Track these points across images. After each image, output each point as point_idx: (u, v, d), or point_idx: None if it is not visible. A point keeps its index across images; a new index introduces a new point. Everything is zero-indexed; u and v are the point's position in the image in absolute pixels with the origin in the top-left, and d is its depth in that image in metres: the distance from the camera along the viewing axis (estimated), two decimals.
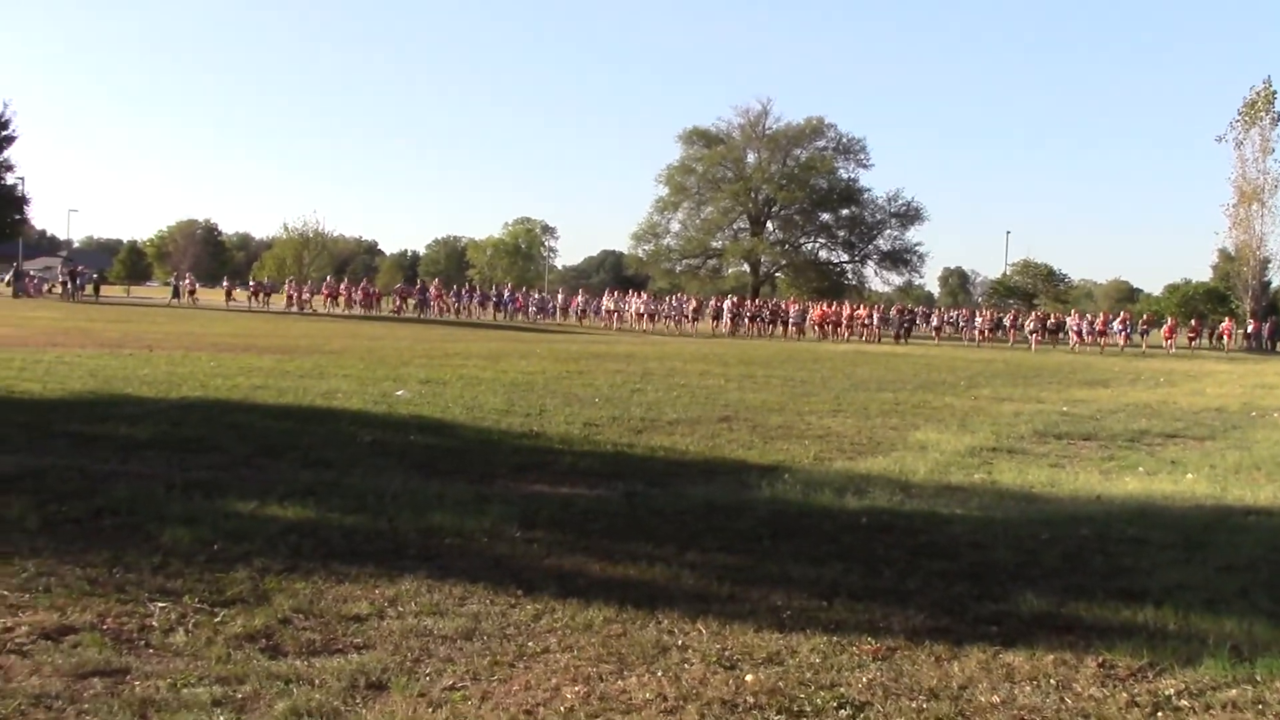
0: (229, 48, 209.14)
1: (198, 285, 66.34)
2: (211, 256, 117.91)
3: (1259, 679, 4.77)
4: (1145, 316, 56.39)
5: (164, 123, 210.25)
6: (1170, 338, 50.55)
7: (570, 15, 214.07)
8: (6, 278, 61.00)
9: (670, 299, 61.24)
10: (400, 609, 5.48)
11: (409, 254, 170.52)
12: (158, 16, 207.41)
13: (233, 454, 9.82)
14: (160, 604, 5.34)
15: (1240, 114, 65.44)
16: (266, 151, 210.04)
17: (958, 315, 61.65)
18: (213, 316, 42.10)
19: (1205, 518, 8.89)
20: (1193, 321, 49.18)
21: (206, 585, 5.68)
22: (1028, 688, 4.65)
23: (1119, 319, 53.35)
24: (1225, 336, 53.33)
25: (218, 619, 5.18)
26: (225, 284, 67.79)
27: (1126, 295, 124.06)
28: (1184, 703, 4.52)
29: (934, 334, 54.67)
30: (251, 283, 64.81)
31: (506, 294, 62.05)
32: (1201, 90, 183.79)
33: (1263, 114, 64.58)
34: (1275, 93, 64.25)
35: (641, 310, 55.92)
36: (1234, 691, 4.64)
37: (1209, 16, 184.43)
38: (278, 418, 12.23)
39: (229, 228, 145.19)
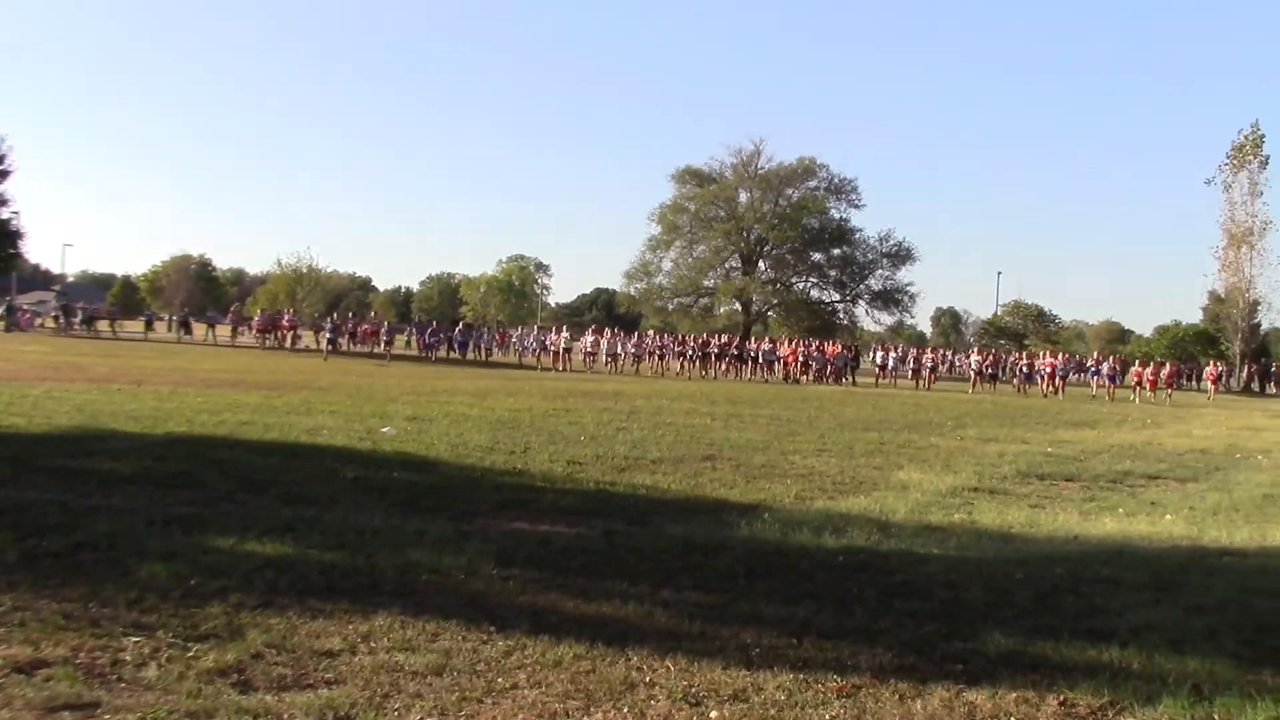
0: (226, 84, 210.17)
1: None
2: (205, 292, 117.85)
3: (1216, 717, 4.84)
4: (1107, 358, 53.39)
5: (160, 158, 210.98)
6: (1141, 384, 43.90)
7: (565, 54, 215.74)
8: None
9: (632, 337, 54.02)
10: (372, 644, 5.53)
11: (403, 290, 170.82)
12: (154, 53, 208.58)
13: (215, 490, 9.86)
14: (134, 638, 5.38)
15: (1229, 157, 66.20)
16: (262, 187, 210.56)
17: (948, 356, 61.27)
18: (204, 352, 42.08)
19: (1180, 559, 8.97)
20: (1167, 366, 45.87)
21: (181, 620, 5.72)
22: None
23: (1096, 360, 50.29)
24: (1210, 382, 49.93)
25: (190, 653, 5.22)
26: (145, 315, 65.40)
27: (1118, 336, 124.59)
28: None
29: (915, 376, 46.93)
30: (230, 316, 59.89)
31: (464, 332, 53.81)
32: (1192, 134, 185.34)
33: (1250, 158, 65.36)
34: (1263, 136, 65.12)
35: (610, 350, 48.77)
36: None
37: (1198, 62, 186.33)
38: (262, 453, 12.28)
39: (223, 263, 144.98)
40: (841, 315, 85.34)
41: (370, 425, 15.83)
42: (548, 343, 50.87)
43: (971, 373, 47.44)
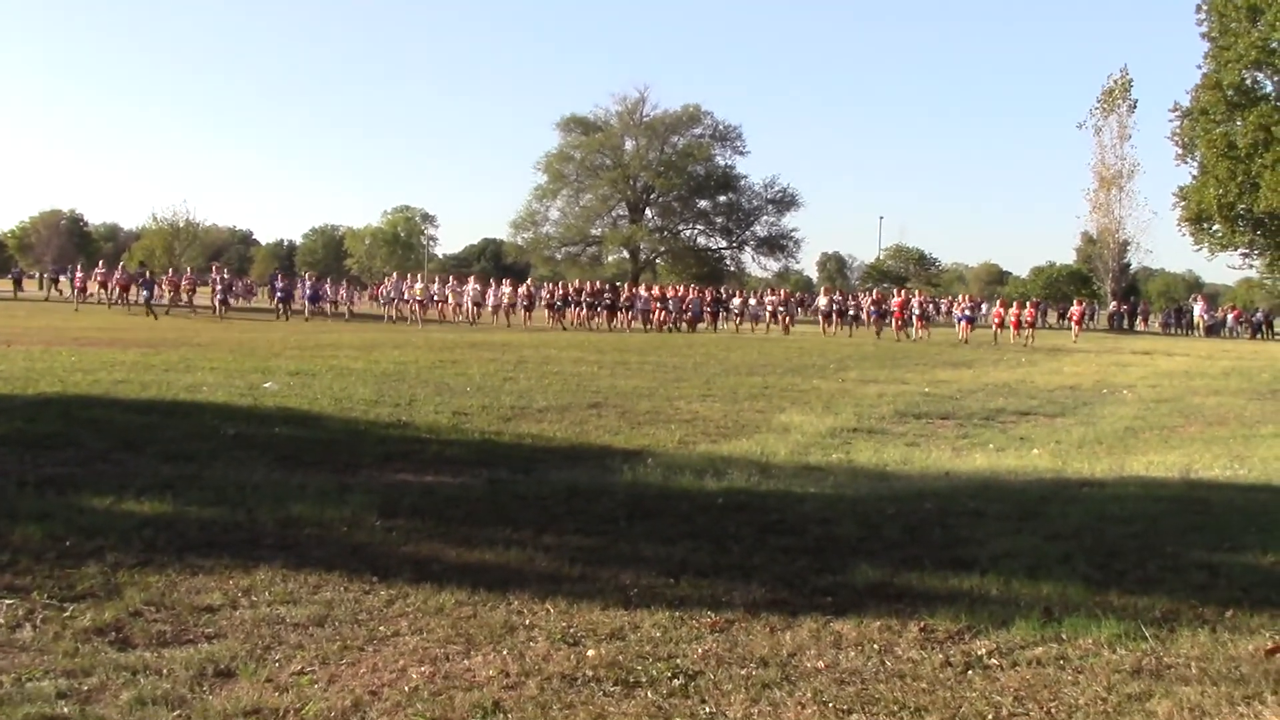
0: (93, 27, 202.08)
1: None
2: (77, 248, 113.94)
3: (1064, 637, 5.13)
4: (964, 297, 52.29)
5: (23, 105, 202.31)
6: (1003, 324, 41.06)
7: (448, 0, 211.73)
8: None
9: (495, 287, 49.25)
10: (253, 598, 5.55)
11: (285, 244, 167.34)
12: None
13: (90, 449, 9.68)
14: (7, 601, 5.32)
15: (1099, 101, 67.99)
16: (134, 138, 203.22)
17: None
18: (79, 311, 40.82)
19: (1042, 490, 9.38)
20: (1029, 304, 42.64)
21: (56, 581, 5.67)
22: (852, 653, 4.94)
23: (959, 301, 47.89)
24: (1074, 322, 47.10)
25: (66, 614, 5.19)
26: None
27: (996, 277, 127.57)
28: (994, 661, 4.85)
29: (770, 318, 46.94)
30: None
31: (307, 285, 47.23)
32: (1065, 77, 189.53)
33: (1120, 101, 67.20)
34: (1132, 81, 67.01)
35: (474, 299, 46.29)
36: (1039, 649, 4.98)
37: (1066, 6, 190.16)
38: (139, 412, 12.08)
39: (96, 218, 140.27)
40: (729, 262, 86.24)
41: (252, 381, 15.61)
42: (404, 292, 46.48)
43: (819, 315, 45.52)
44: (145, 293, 42.70)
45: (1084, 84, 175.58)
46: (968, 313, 42.81)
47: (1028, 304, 42.98)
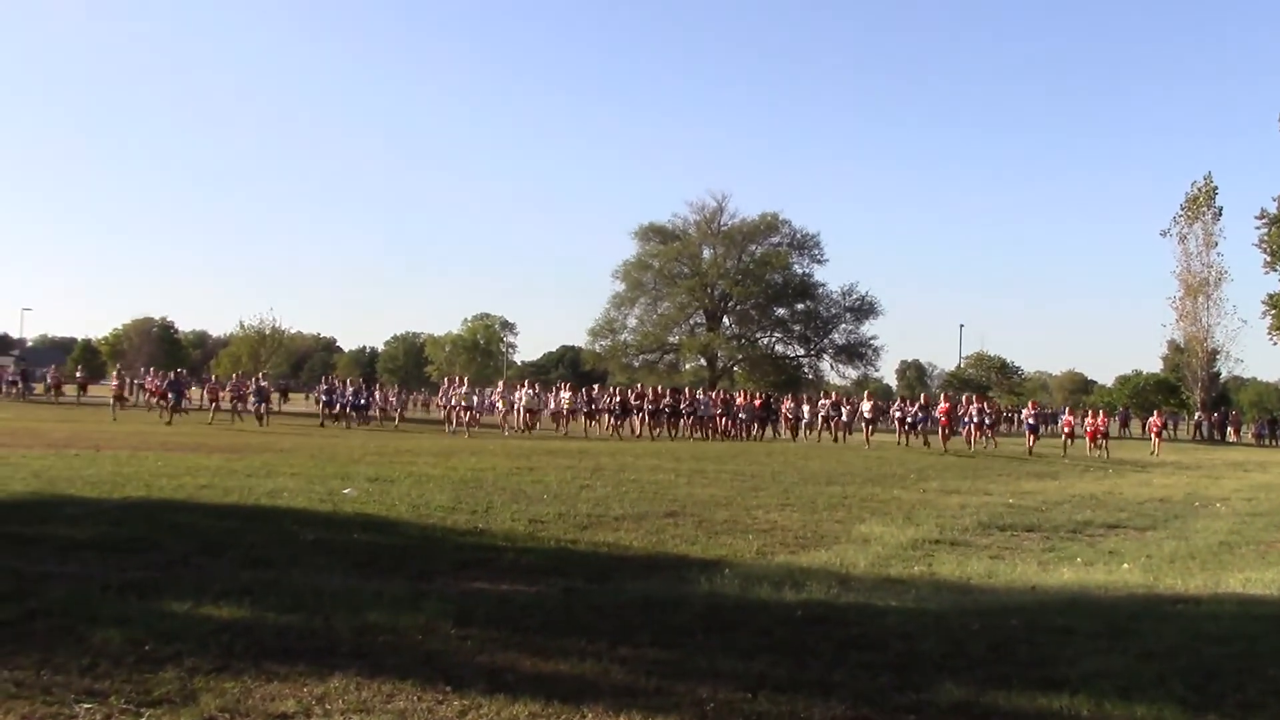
0: (185, 142, 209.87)
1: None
2: (167, 354, 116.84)
3: None
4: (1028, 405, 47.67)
5: (121, 219, 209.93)
6: (1073, 434, 39.53)
7: (524, 112, 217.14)
8: None
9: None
10: (327, 706, 5.51)
11: (367, 350, 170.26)
12: (108, 112, 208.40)
13: (172, 553, 9.79)
14: (86, 705, 5.35)
15: (1183, 209, 67.41)
16: (224, 248, 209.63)
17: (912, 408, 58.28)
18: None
19: (1134, 607, 9.08)
20: (1100, 415, 39.91)
21: (134, 686, 5.68)
22: None
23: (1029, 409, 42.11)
24: (1154, 434, 46.00)
25: (143, 718, 5.20)
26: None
27: (1081, 386, 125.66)
28: None
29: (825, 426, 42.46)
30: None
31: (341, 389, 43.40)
32: (1148, 184, 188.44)
33: (1204, 209, 66.57)
34: (1216, 188, 66.31)
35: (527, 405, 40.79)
36: None
37: (1148, 115, 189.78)
38: (220, 517, 12.21)
39: (186, 325, 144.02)
40: (807, 369, 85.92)
41: (332, 487, 15.74)
42: (451, 398, 40.83)
43: (863, 422, 40.06)
44: (173, 397, 39.84)
45: (1170, 189, 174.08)
46: (1030, 421, 39.81)
47: (1100, 413, 40.93)
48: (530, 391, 42.11)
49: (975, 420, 39.08)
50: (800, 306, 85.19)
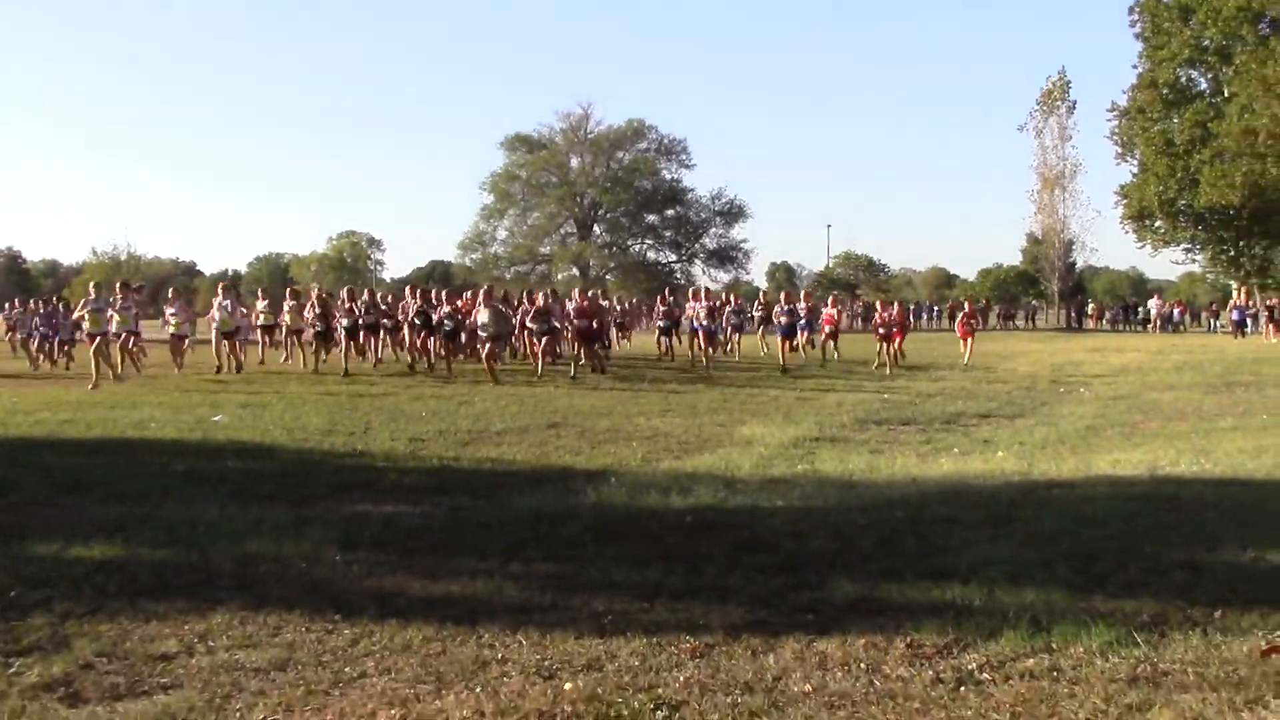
0: (30, 54, 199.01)
1: None
2: (16, 285, 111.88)
3: (1055, 646, 4.99)
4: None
5: None
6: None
7: (385, 21, 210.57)
8: None
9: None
10: (211, 644, 5.29)
11: (229, 273, 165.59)
12: None
13: (34, 494, 9.35)
14: None
15: (1038, 103, 68.50)
16: (68, 170, 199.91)
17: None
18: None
19: (1013, 494, 9.29)
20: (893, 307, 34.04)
21: (1, 635, 5.39)
22: (839, 673, 4.76)
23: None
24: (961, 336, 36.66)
25: (12, 670, 4.92)
26: None
27: (945, 281, 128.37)
28: (986, 675, 4.69)
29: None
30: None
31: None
32: (1005, 79, 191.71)
33: (1059, 103, 67.72)
34: (1070, 82, 67.44)
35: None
36: (1031, 661, 4.83)
37: (1005, 10, 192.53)
38: (85, 453, 11.72)
39: (34, 254, 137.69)
40: (679, 275, 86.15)
41: (200, 414, 15.24)
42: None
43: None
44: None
45: (1024, 86, 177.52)
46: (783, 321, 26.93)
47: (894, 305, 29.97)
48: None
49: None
50: (670, 212, 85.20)
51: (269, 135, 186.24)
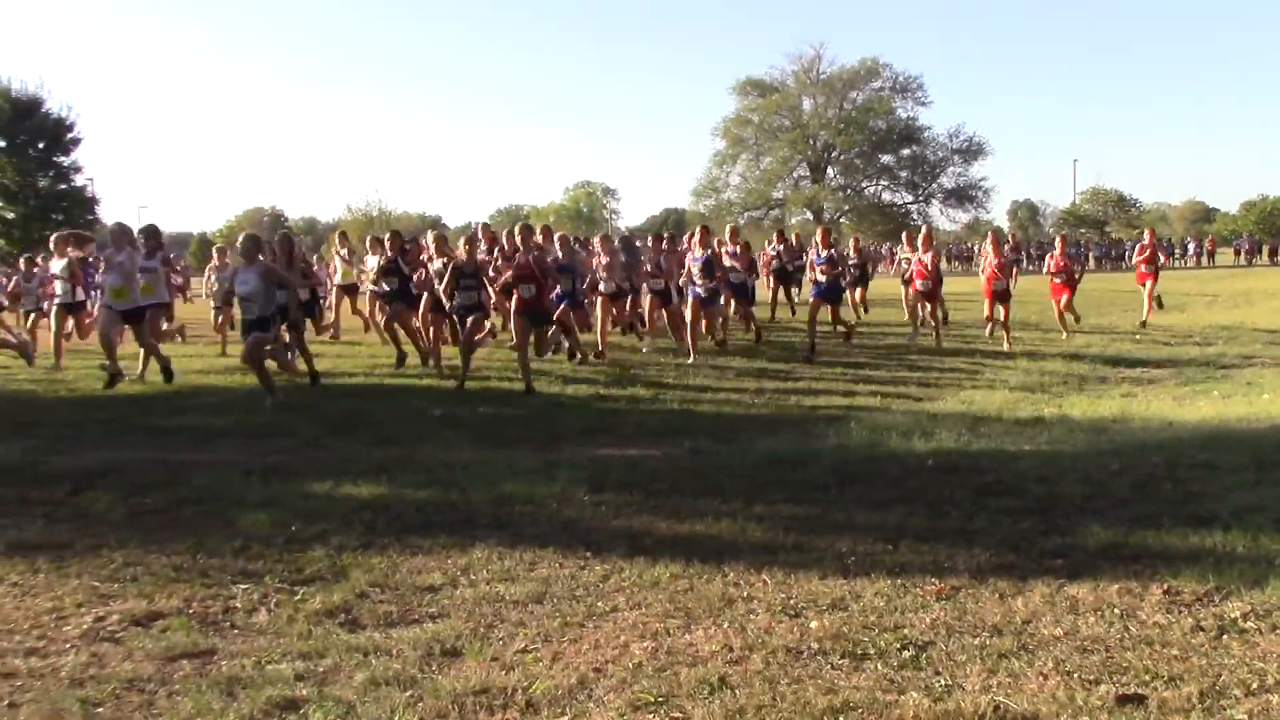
0: (282, 33, 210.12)
1: None
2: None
3: None
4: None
5: (227, 117, 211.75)
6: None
7: None
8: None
9: None
10: (472, 577, 5.62)
11: (473, 225, 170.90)
12: (214, 8, 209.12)
13: (304, 437, 10.02)
14: (243, 586, 5.52)
15: None
16: (328, 137, 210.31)
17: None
18: None
19: (1278, 438, 8.77)
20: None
21: (286, 565, 5.86)
22: (1091, 618, 4.67)
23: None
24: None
25: (298, 597, 5.35)
26: None
27: (1203, 215, 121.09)
28: (1250, 624, 4.51)
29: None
30: None
31: None
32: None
33: None
34: None
35: None
36: None
37: None
38: (348, 397, 12.45)
39: (295, 213, 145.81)
40: (915, 216, 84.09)
41: (454, 362, 15.83)
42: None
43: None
44: None
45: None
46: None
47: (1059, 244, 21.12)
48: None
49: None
50: (906, 152, 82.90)
51: (508, 92, 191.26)
